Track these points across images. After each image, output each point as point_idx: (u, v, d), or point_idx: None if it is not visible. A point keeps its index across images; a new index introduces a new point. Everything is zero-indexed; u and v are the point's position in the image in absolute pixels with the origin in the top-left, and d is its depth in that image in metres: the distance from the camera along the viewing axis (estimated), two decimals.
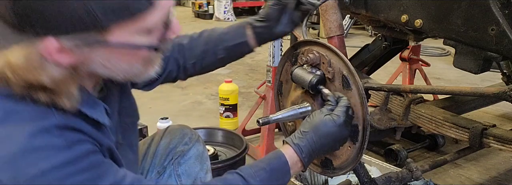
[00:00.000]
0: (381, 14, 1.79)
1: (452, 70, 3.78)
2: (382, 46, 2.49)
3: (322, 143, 1.11)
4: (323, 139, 1.11)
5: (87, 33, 0.78)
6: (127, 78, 0.92)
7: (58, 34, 0.76)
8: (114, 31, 0.79)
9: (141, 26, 0.81)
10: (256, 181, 1.03)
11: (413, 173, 1.81)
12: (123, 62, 0.87)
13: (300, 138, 1.12)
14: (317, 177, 2.10)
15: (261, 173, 1.05)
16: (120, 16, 0.77)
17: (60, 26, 0.75)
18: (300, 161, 1.11)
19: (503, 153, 2.67)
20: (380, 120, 2.08)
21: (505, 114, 3.37)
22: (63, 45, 0.78)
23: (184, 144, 1.40)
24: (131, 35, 0.82)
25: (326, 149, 1.14)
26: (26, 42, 0.77)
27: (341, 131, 1.12)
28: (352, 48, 3.43)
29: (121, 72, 0.88)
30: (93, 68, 0.86)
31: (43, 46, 0.77)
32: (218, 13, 8.94)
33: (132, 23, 0.80)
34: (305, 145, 1.11)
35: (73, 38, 0.78)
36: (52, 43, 0.77)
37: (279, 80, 1.45)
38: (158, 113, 3.16)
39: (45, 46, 0.77)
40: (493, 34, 1.37)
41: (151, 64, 0.93)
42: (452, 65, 1.62)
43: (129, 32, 0.81)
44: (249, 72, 4.77)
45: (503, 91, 1.42)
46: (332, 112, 1.14)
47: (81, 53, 0.81)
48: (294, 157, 1.11)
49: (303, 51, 1.28)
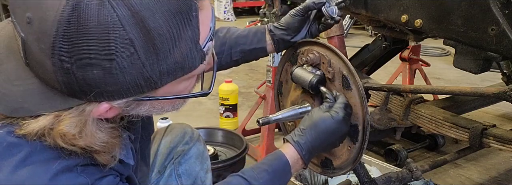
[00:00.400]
0: (381, 14, 1.79)
1: (452, 70, 3.78)
2: (382, 46, 2.49)
3: (321, 139, 1.12)
4: (322, 135, 1.12)
5: (140, 95, 0.76)
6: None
7: (113, 100, 0.74)
8: (165, 87, 0.77)
9: (186, 77, 0.80)
10: (259, 183, 1.04)
11: (413, 173, 1.81)
12: (167, 105, 0.86)
13: (300, 136, 1.12)
14: (317, 177, 2.10)
15: (264, 175, 1.06)
16: (175, 76, 0.76)
17: (116, 93, 0.72)
18: (301, 159, 1.12)
19: (503, 153, 2.67)
20: (380, 120, 2.08)
21: (505, 114, 3.37)
22: (116, 106, 0.76)
23: (185, 143, 1.40)
24: (178, 84, 0.80)
25: (326, 146, 1.15)
26: (76, 108, 0.74)
27: (340, 127, 1.13)
28: (352, 48, 3.42)
29: (163, 111, 0.88)
30: (137, 113, 0.83)
31: (96, 112, 0.75)
32: (218, 13, 8.93)
33: (183, 77, 0.78)
34: (305, 142, 1.11)
35: (126, 101, 0.76)
36: (105, 107, 0.75)
37: (279, 80, 1.45)
38: None
39: (97, 112, 0.75)
40: (493, 34, 1.37)
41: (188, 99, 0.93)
42: (452, 65, 1.62)
43: (176, 83, 0.79)
44: (249, 72, 4.77)
45: (503, 91, 1.42)
46: (331, 108, 1.14)
47: (130, 110, 0.79)
48: (294, 155, 1.11)
49: (303, 51, 1.28)
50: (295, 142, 1.11)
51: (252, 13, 9.54)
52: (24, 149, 0.76)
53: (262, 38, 1.29)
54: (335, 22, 1.26)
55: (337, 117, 1.12)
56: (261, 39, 1.29)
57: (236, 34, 1.31)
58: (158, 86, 0.75)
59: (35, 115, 0.74)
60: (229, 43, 1.30)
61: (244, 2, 9.33)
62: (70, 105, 0.74)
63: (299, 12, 1.24)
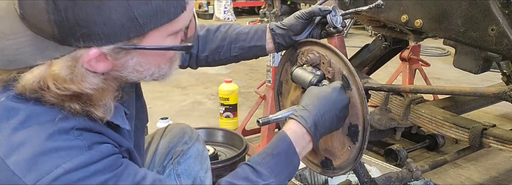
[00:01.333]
0: (381, 14, 1.79)
1: (452, 70, 3.78)
2: (382, 46, 2.49)
3: (324, 110, 1.10)
4: (325, 106, 1.10)
5: (127, 41, 0.80)
6: (153, 80, 0.94)
7: (102, 44, 0.78)
8: (150, 36, 0.82)
9: (173, 29, 0.85)
10: (264, 168, 1.02)
11: (413, 173, 1.81)
12: (153, 65, 0.90)
13: (302, 110, 1.10)
14: (317, 177, 2.10)
15: (269, 159, 1.04)
16: (159, 21, 0.81)
17: (105, 37, 0.77)
18: (307, 133, 1.08)
19: (503, 153, 2.67)
20: (380, 120, 2.08)
21: (505, 114, 3.37)
22: (104, 53, 0.80)
23: (184, 143, 1.40)
24: (163, 38, 0.85)
25: (330, 118, 1.11)
26: (68, 55, 0.78)
27: (340, 97, 1.12)
28: (352, 48, 3.43)
29: (150, 75, 0.91)
30: (125, 74, 0.88)
31: (86, 57, 0.79)
32: (218, 13, 8.93)
33: (167, 26, 0.83)
34: (308, 116, 1.08)
35: (114, 47, 0.80)
36: (94, 53, 0.79)
37: (279, 80, 1.45)
38: (158, 113, 3.16)
39: (88, 57, 0.79)
40: (493, 34, 1.37)
41: (174, 63, 0.97)
42: (452, 65, 1.62)
43: (162, 35, 0.84)
44: (249, 72, 4.76)
45: (503, 91, 1.42)
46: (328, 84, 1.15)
47: (118, 59, 0.83)
48: (299, 130, 1.08)
49: (303, 51, 1.28)
50: (298, 117, 1.09)
51: (252, 13, 9.54)
52: (23, 113, 0.81)
53: (263, 36, 1.29)
54: (337, 32, 1.25)
55: (335, 86, 1.13)
56: (261, 37, 1.29)
57: (237, 30, 1.32)
58: (144, 31, 0.80)
59: (30, 67, 0.78)
60: (229, 39, 1.31)
61: (244, 2, 9.33)
62: (62, 53, 0.78)
63: (303, 15, 1.24)
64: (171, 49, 0.89)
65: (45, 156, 0.78)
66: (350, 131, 1.18)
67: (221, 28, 1.33)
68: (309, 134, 1.09)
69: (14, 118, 0.80)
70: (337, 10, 1.24)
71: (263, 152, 1.07)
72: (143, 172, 0.91)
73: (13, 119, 0.80)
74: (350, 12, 1.26)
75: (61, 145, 0.79)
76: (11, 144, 0.79)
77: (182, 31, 0.90)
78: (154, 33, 0.82)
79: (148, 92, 1.37)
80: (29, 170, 0.77)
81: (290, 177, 1.08)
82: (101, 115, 0.85)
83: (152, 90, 3.87)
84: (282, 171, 1.05)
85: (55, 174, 0.77)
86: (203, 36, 1.32)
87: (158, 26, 0.81)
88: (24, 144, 0.79)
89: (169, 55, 0.93)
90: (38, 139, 0.79)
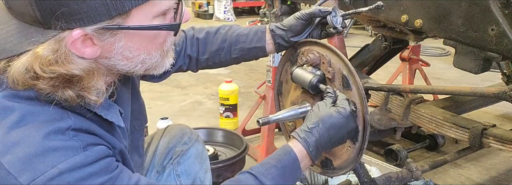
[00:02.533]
0: (381, 14, 1.79)
1: (452, 70, 3.78)
2: (382, 46, 2.49)
3: (330, 135, 1.10)
4: (331, 131, 1.10)
5: (110, 20, 0.80)
6: (146, 70, 0.94)
7: (84, 25, 0.79)
8: (134, 16, 0.82)
9: (157, 10, 0.85)
10: (268, 179, 1.02)
11: (413, 173, 1.81)
12: (143, 51, 0.89)
13: (307, 132, 1.10)
14: (317, 177, 2.10)
15: (273, 170, 1.04)
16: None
17: (86, 16, 0.78)
18: (308, 156, 1.09)
19: (503, 153, 2.67)
20: (380, 120, 2.08)
21: (505, 114, 3.37)
22: (88, 35, 0.80)
23: (184, 143, 1.40)
24: (149, 19, 0.85)
25: (334, 142, 1.12)
26: (52, 39, 0.79)
27: (348, 123, 1.11)
28: (352, 48, 3.42)
29: (141, 62, 0.91)
30: (114, 62, 0.88)
31: (70, 38, 0.79)
32: (218, 13, 8.94)
33: (150, 6, 0.83)
34: (312, 140, 1.09)
35: (97, 27, 0.80)
36: (78, 33, 0.79)
37: (279, 80, 1.45)
38: (158, 113, 3.16)
39: (71, 38, 0.79)
40: (493, 34, 1.37)
41: (167, 54, 0.96)
42: (452, 65, 1.62)
43: (147, 16, 0.85)
44: (249, 72, 4.76)
45: (503, 91, 1.42)
46: (336, 104, 1.13)
47: (104, 42, 0.83)
48: (302, 151, 1.09)
49: (303, 51, 1.28)
50: (302, 139, 1.09)
51: (252, 13, 9.54)
52: (18, 112, 0.81)
53: (262, 37, 1.29)
54: (337, 32, 1.25)
55: (344, 112, 1.10)
56: (261, 38, 1.29)
57: (237, 32, 1.32)
58: (125, 9, 0.80)
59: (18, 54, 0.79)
60: (229, 41, 1.31)
61: (244, 2, 9.33)
62: (47, 37, 0.79)
63: (304, 16, 1.23)
64: (156, 29, 0.87)
65: (40, 156, 0.78)
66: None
67: (220, 30, 1.33)
68: (309, 156, 1.10)
69: (9, 117, 0.81)
70: (337, 11, 1.24)
71: (266, 163, 1.07)
72: (137, 176, 0.91)
73: (8, 118, 0.80)
74: (351, 13, 1.26)
75: (56, 145, 0.79)
76: (6, 143, 0.79)
77: (171, 16, 0.90)
78: (138, 13, 0.82)
79: (148, 92, 1.37)
80: (24, 170, 0.77)
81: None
82: (94, 99, 0.85)
83: (152, 90, 3.87)
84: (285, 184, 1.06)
85: (50, 175, 0.77)
86: (203, 38, 1.32)
87: (139, 3, 0.81)
88: (20, 143, 0.79)
89: (159, 40, 0.92)
90: (34, 138, 0.79)
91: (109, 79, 0.95)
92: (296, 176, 1.09)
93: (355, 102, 1.15)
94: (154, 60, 0.93)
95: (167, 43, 0.95)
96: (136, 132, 1.17)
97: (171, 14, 0.90)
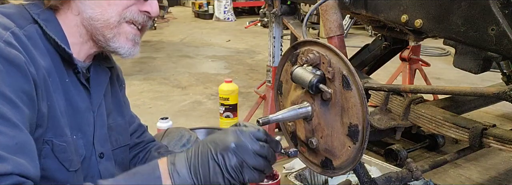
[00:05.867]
0: (381, 14, 1.79)
1: (452, 70, 3.78)
2: (382, 46, 2.49)
3: (201, 151, 0.94)
4: (204, 146, 0.95)
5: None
6: (101, 26, 0.99)
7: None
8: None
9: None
10: (108, 182, 0.88)
11: (413, 173, 1.81)
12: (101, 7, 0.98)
13: (179, 153, 0.96)
14: (317, 177, 2.10)
15: (120, 176, 0.90)
16: None
17: None
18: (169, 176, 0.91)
19: (503, 153, 2.67)
20: (380, 120, 2.08)
21: (505, 114, 3.37)
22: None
23: (182, 145, 1.41)
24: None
25: (203, 161, 0.93)
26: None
27: (226, 136, 0.96)
28: (352, 48, 3.43)
29: (106, 15, 0.99)
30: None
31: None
32: (218, 13, 8.94)
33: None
34: (180, 159, 0.94)
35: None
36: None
37: (279, 80, 1.45)
38: (158, 113, 3.17)
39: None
40: (493, 34, 1.37)
41: (122, 26, 1.02)
42: (452, 65, 1.62)
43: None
44: (249, 72, 4.76)
45: (503, 91, 1.42)
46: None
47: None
48: (165, 169, 0.92)
49: (303, 51, 1.28)
50: (169, 159, 0.94)
51: (252, 13, 9.55)
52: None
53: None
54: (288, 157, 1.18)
55: (231, 128, 0.98)
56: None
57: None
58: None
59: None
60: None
61: (244, 2, 9.34)
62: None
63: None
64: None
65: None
66: (350, 131, 1.18)
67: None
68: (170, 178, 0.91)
69: None
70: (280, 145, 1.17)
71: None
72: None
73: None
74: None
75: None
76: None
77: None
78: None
79: (148, 92, 1.38)
80: None
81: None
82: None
83: (152, 90, 3.87)
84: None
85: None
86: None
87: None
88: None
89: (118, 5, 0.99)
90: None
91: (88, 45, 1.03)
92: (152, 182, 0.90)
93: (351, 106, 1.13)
94: (108, 15, 0.99)
95: (127, 13, 1.01)
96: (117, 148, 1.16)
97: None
